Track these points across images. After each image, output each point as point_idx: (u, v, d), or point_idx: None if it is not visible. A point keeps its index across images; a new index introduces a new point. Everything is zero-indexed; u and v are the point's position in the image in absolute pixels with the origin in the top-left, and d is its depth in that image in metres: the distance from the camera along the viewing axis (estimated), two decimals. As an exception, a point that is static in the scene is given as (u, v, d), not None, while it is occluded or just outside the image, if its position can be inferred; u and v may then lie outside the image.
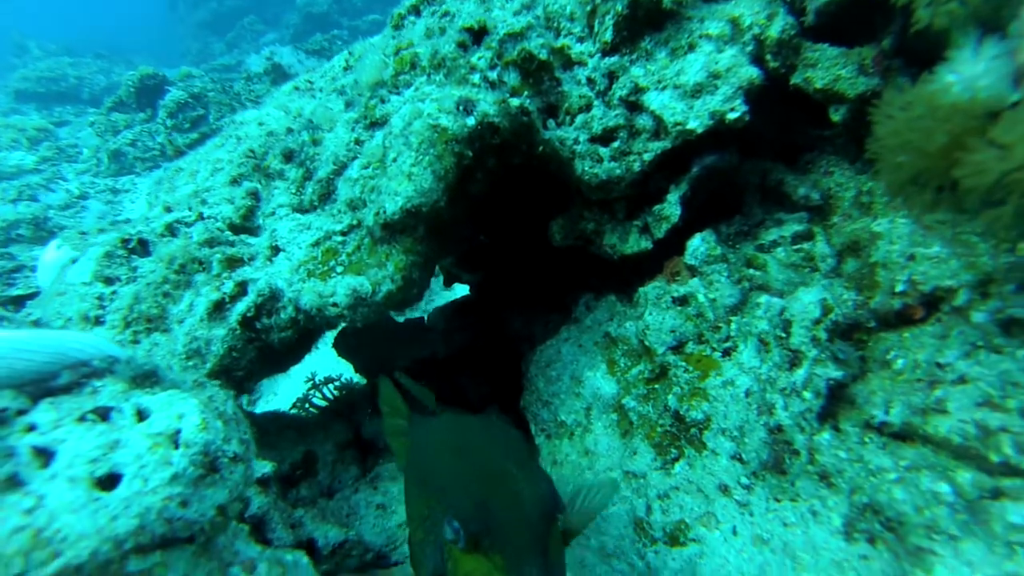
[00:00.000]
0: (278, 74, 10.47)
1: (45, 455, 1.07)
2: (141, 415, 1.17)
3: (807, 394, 1.42)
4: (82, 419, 1.11)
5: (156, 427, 1.14)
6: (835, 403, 1.44)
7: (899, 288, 1.42)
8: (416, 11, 2.83)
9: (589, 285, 2.41)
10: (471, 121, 1.59)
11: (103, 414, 1.14)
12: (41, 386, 1.17)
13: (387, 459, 2.49)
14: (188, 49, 16.33)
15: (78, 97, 11.17)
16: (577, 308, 2.27)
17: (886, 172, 1.15)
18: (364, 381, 3.13)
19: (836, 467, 1.33)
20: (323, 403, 2.99)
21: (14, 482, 0.96)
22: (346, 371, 3.11)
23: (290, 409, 3.02)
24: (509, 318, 2.81)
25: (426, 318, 3.36)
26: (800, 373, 1.44)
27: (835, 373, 1.42)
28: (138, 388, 1.24)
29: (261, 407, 4.88)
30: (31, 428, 1.09)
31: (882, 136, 1.14)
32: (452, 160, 1.58)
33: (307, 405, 2.97)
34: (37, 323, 3.78)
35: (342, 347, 2.89)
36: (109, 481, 1.04)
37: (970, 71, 0.98)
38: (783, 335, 1.54)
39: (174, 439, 1.14)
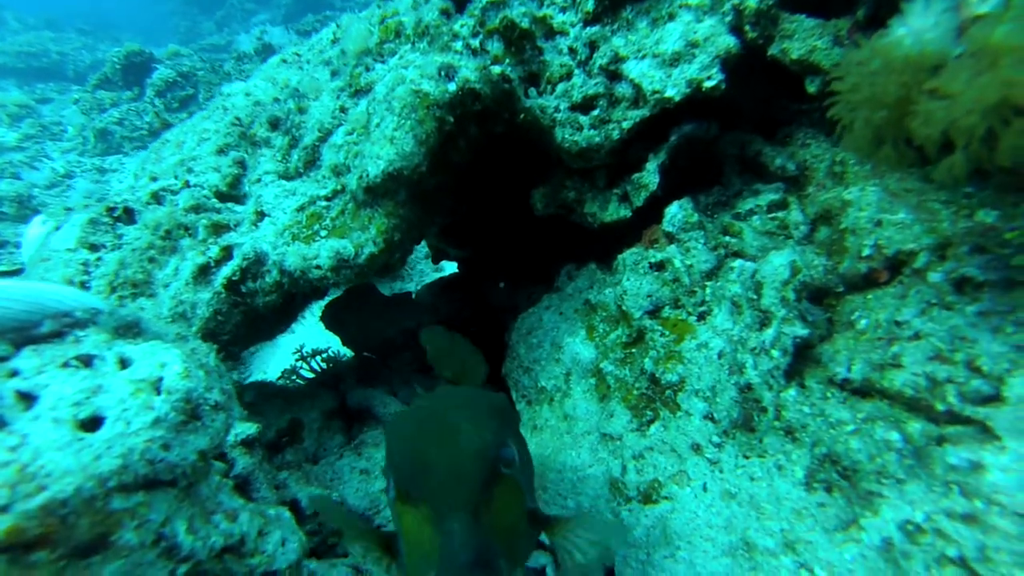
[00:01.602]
0: (268, 54, 10.33)
1: (28, 399, 1.10)
2: (124, 363, 1.20)
3: (775, 352, 1.47)
4: (65, 365, 1.14)
5: (138, 374, 1.17)
6: (802, 362, 1.49)
7: (865, 252, 1.46)
8: (404, -14, 2.82)
9: (571, 255, 2.44)
10: (452, 87, 1.61)
11: (86, 361, 1.17)
12: (23, 334, 1.19)
13: (372, 427, 2.53)
14: (176, 27, 16.07)
15: (61, 74, 10.96)
16: (559, 278, 2.31)
17: (849, 129, 1.19)
18: (351, 353, 3.17)
19: (800, 422, 1.38)
20: (310, 375, 3.03)
21: (-2, 422, 0.99)
22: (334, 343, 3.14)
23: (277, 380, 3.05)
24: (495, 291, 2.84)
25: (415, 295, 3.39)
26: (769, 332, 1.49)
27: (801, 331, 1.47)
28: (121, 338, 1.26)
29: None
30: (14, 374, 1.12)
31: (842, 91, 1.18)
32: (433, 124, 1.60)
33: (294, 376, 3.00)
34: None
35: (329, 320, 2.92)
36: (92, 423, 1.07)
37: (919, 24, 1.01)
38: (754, 297, 1.59)
39: (156, 386, 1.17)
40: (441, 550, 0.82)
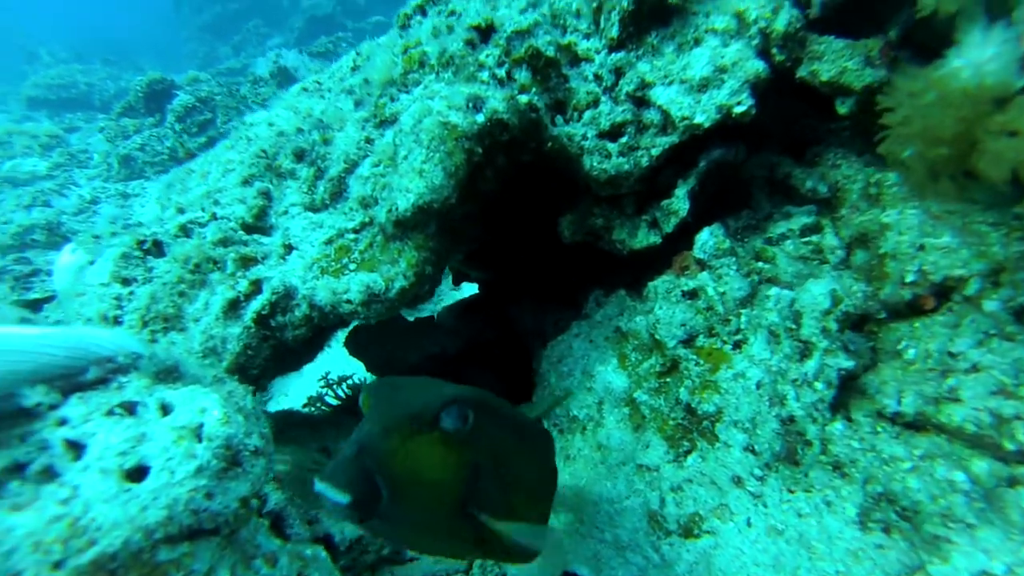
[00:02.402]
0: (283, 77, 10.52)
1: (77, 448, 1.10)
2: (165, 409, 1.21)
3: (819, 384, 1.43)
4: (110, 413, 1.15)
5: (180, 421, 1.17)
6: (847, 393, 1.45)
7: (909, 278, 1.42)
8: (422, 11, 2.85)
9: (599, 280, 2.42)
10: (480, 118, 1.61)
11: (130, 408, 1.17)
12: (70, 381, 1.20)
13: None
14: (194, 52, 16.46)
15: (88, 103, 11.30)
16: (587, 304, 2.29)
17: (899, 161, 1.16)
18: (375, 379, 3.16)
19: (849, 457, 1.34)
20: (336, 402, 3.03)
21: (49, 473, 1.00)
22: (358, 369, 3.14)
23: (303, 407, 3.06)
24: (520, 315, 2.83)
25: (435, 317, 3.39)
26: (811, 364, 1.45)
27: (846, 363, 1.43)
28: (161, 383, 1.27)
29: (272, 407, 4.92)
30: (63, 422, 1.13)
31: (893, 124, 1.15)
32: (462, 156, 1.60)
33: (320, 404, 3.00)
34: (57, 323, 3.82)
35: (353, 346, 2.92)
36: (138, 473, 1.07)
37: (978, 56, 0.98)
38: (793, 326, 1.55)
39: (197, 432, 1.17)
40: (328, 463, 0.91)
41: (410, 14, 2.86)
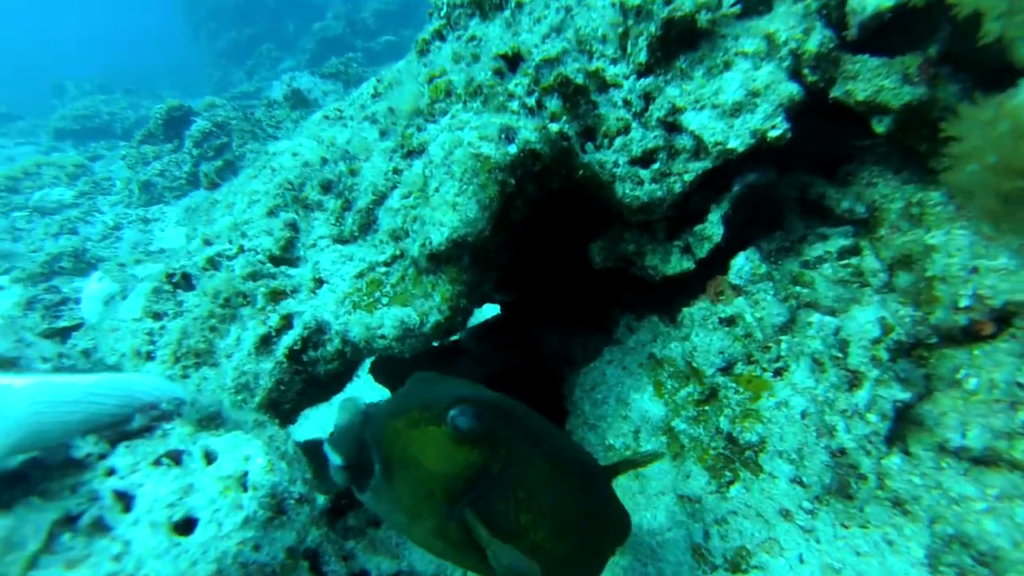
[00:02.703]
0: (297, 99, 10.68)
1: (126, 499, 1.10)
2: (209, 457, 1.20)
3: (872, 416, 1.38)
4: (157, 463, 1.14)
5: (225, 470, 1.16)
6: (902, 424, 1.40)
7: (963, 303, 1.38)
8: (440, 36, 2.87)
9: (627, 303, 2.39)
10: (513, 149, 1.60)
11: (175, 457, 1.16)
12: (117, 430, 1.20)
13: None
14: (210, 77, 16.80)
15: (111, 131, 11.61)
16: (618, 329, 2.26)
17: (967, 190, 1.12)
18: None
19: (911, 493, 1.29)
20: (362, 428, 3.01)
21: (100, 526, 0.99)
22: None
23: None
24: (545, 338, 2.80)
25: (460, 341, 3.37)
26: (861, 395, 1.41)
27: (902, 395, 1.39)
28: (204, 430, 1.26)
29: (293, 431, 4.91)
30: (111, 472, 1.13)
31: (961, 155, 1.12)
32: (496, 188, 1.59)
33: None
34: (86, 353, 3.89)
35: (379, 373, 2.91)
36: (186, 525, 1.06)
37: (1053, 89, 0.95)
38: (839, 355, 1.51)
39: (242, 482, 1.16)
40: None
41: (428, 39, 2.88)
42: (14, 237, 7.76)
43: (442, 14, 2.81)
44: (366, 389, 3.19)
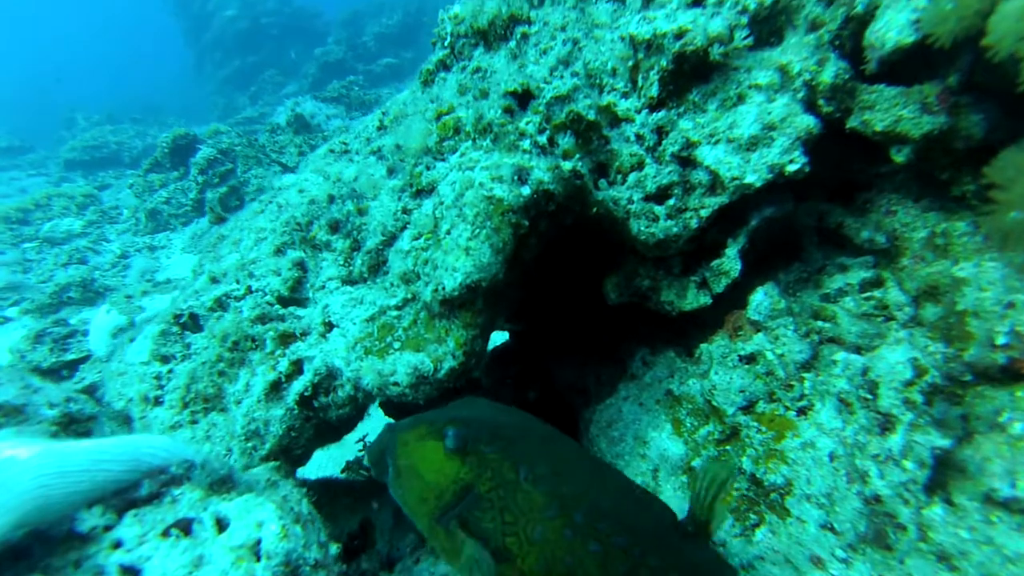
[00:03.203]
0: (300, 124, 10.79)
1: (132, 573, 1.05)
2: (221, 524, 1.15)
3: (908, 463, 1.33)
4: (166, 533, 1.10)
5: (237, 539, 1.12)
6: (942, 471, 1.35)
7: (1001, 340, 1.33)
8: (444, 65, 2.86)
9: (641, 336, 2.35)
10: (526, 190, 1.57)
11: (185, 527, 1.12)
12: (124, 498, 1.16)
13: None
14: (215, 104, 17.01)
15: (118, 160, 11.79)
16: (633, 363, 2.21)
17: (1010, 237, 1.08)
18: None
19: (958, 548, 1.23)
20: (373, 464, 2.96)
21: (106, 616, 0.94)
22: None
23: (341, 472, 2.99)
24: (557, 370, 2.75)
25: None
26: (895, 439, 1.36)
27: (941, 442, 1.33)
28: (215, 494, 1.22)
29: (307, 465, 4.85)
30: (117, 545, 1.09)
31: (1004, 201, 1.08)
32: (509, 232, 1.55)
33: (358, 468, 2.94)
34: (94, 393, 3.87)
35: (390, 407, 2.86)
36: (196, 606, 1.01)
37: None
38: (869, 396, 1.46)
39: (255, 550, 1.12)
40: None
41: (433, 70, 2.87)
42: (24, 268, 7.81)
43: (446, 44, 2.81)
44: (377, 422, 3.15)
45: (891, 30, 1.46)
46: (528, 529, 1.10)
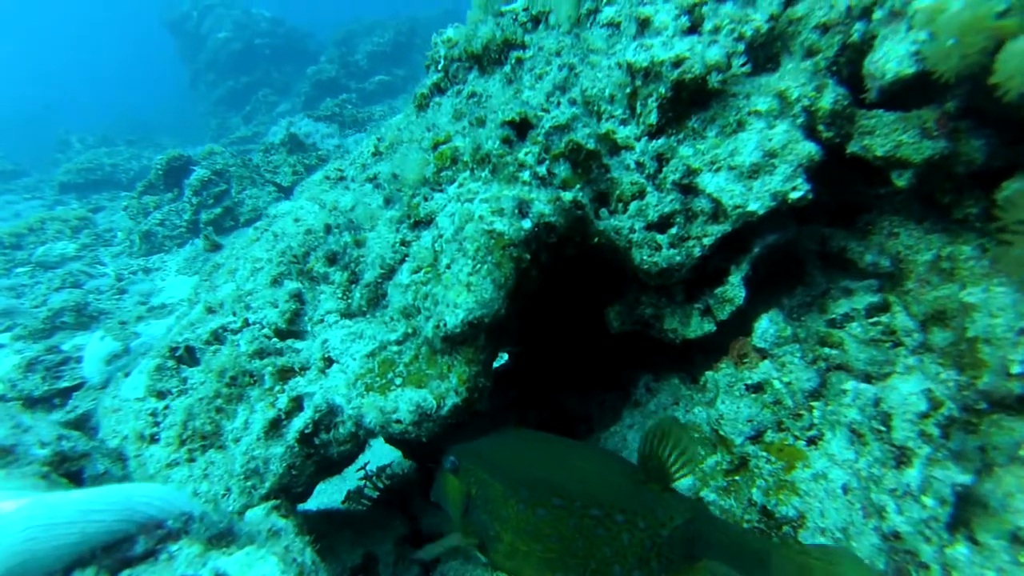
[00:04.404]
0: (294, 143, 10.81)
1: (127, 647, 1.01)
2: (220, 584, 1.11)
3: (928, 500, 1.30)
4: (162, 599, 1.05)
5: (238, 600, 1.08)
6: (964, 507, 1.32)
7: (1016, 369, 1.31)
8: (439, 89, 2.86)
9: (643, 361, 2.32)
10: (528, 224, 1.55)
11: (183, 589, 1.08)
12: (117, 557, 1.12)
13: (449, 557, 2.38)
14: (208, 124, 17.04)
15: (113, 182, 11.77)
16: (636, 390, 2.18)
17: None
18: (414, 465, 3.05)
19: (983, 592, 1.20)
20: (375, 493, 2.91)
21: None
22: (396, 457, 3.03)
23: (342, 503, 2.94)
24: (560, 396, 2.72)
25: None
26: (913, 474, 1.33)
27: (961, 477, 1.31)
28: (214, 548, 1.18)
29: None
30: (110, 615, 1.04)
31: None
32: (511, 266, 1.53)
33: (361, 498, 2.88)
34: (88, 430, 3.80)
35: (393, 439, 2.82)
36: (196, 675, 0.97)
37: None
38: (882, 428, 1.43)
39: (257, 611, 1.07)
40: None
41: (427, 94, 2.87)
42: (17, 293, 7.75)
43: (440, 67, 2.81)
44: (377, 448, 3.10)
45: (891, 60, 1.46)
46: (499, 512, 1.42)
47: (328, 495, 3.85)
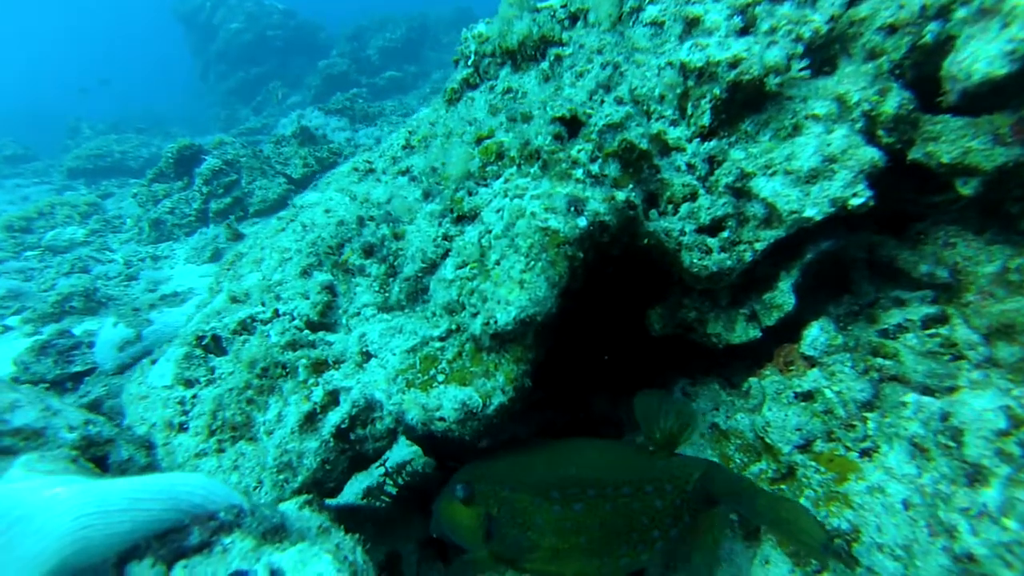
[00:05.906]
0: (305, 136, 10.77)
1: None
2: (276, 580, 1.08)
3: (1011, 522, 1.26)
4: (220, 593, 1.02)
5: (295, 598, 1.04)
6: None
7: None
8: (469, 85, 2.82)
9: (678, 365, 2.28)
10: (583, 222, 1.51)
11: (239, 584, 1.05)
12: (172, 548, 1.09)
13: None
14: (217, 116, 17.01)
15: (122, 169, 11.76)
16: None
17: None
18: (433, 462, 3.01)
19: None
20: (395, 490, 2.87)
21: None
22: (416, 453, 2.99)
23: (362, 499, 2.90)
24: (589, 397, 2.68)
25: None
26: (991, 494, 1.29)
27: (1041, 500, 1.26)
28: (267, 543, 1.15)
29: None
30: (167, 606, 1.01)
31: None
32: (565, 264, 1.50)
33: (381, 495, 2.85)
34: (96, 403, 3.75)
35: (415, 436, 2.78)
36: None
37: None
38: (951, 443, 1.39)
39: (314, 611, 1.04)
40: None
41: (457, 88, 2.83)
42: (26, 277, 7.72)
43: (470, 63, 2.77)
44: (398, 448, 3.06)
45: (979, 61, 1.41)
46: (532, 521, 1.49)
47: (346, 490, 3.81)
